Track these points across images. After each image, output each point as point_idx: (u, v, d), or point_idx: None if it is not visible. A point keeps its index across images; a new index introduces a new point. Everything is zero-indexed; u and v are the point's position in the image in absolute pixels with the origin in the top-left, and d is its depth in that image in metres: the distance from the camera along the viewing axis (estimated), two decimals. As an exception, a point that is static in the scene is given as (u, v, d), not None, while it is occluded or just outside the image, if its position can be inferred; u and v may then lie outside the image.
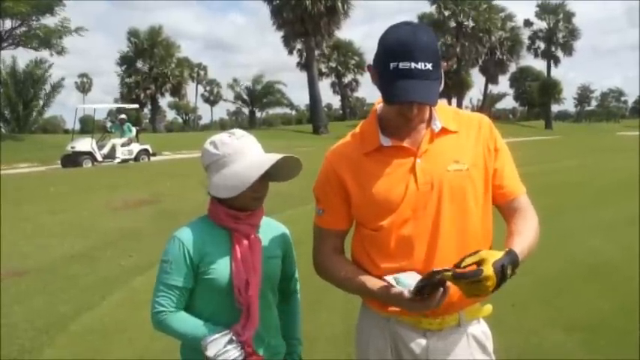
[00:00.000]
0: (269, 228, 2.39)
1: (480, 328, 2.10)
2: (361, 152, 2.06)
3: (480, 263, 1.70)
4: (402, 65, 1.83)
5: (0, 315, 5.78)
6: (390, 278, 1.90)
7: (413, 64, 1.82)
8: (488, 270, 1.67)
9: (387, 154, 2.02)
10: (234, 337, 2.17)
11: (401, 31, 1.88)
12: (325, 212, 2.15)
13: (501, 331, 4.67)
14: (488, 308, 2.12)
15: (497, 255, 1.72)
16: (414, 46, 1.83)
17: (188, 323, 2.21)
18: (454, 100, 64.34)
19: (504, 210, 2.09)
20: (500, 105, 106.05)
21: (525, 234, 1.98)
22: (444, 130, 2.02)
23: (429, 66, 1.83)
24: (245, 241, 2.23)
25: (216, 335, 2.15)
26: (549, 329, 5.01)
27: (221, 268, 2.21)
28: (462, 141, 2.03)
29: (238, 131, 2.32)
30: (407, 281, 1.85)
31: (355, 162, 2.06)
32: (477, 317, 2.09)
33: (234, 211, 2.23)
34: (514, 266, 1.75)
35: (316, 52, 48.56)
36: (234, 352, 2.14)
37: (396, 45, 1.86)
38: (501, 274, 1.69)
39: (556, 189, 13.28)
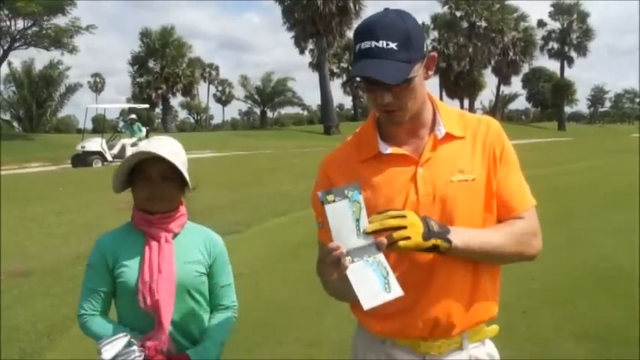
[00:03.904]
0: (194, 235, 2.38)
1: (484, 350, 1.94)
2: (358, 160, 1.92)
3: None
4: (363, 45, 1.73)
5: (1, 317, 5.74)
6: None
7: (373, 43, 1.71)
8: (412, 215, 1.68)
9: (385, 162, 1.87)
10: (133, 340, 2.13)
11: (371, 16, 1.80)
12: (325, 226, 1.96)
13: (512, 340, 4.63)
14: (494, 329, 1.96)
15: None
16: (376, 25, 1.74)
17: (106, 327, 2.24)
18: (466, 101, 64.20)
19: None
20: (513, 106, 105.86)
21: (488, 230, 1.85)
22: (448, 136, 1.87)
23: (393, 45, 1.71)
24: (155, 245, 2.24)
25: (112, 338, 2.11)
26: (560, 338, 4.89)
27: (131, 272, 2.24)
28: (467, 148, 1.88)
29: (163, 137, 2.40)
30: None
31: (351, 170, 1.91)
32: (481, 339, 1.94)
33: (146, 214, 2.27)
34: (441, 235, 1.70)
35: (328, 52, 48.44)
36: (133, 355, 2.09)
37: (361, 27, 1.78)
38: (427, 226, 1.68)
39: (568, 191, 13.16)
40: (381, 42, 1.71)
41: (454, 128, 1.89)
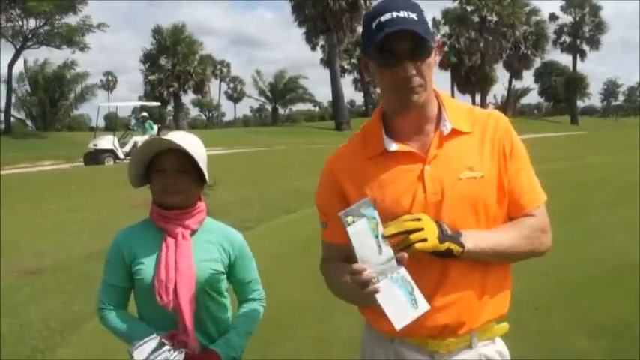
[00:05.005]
0: (212, 232, 2.36)
1: (494, 348, 1.91)
2: (364, 157, 1.88)
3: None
4: (383, 18, 1.71)
5: (14, 314, 5.79)
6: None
7: (394, 14, 1.70)
8: (427, 218, 1.68)
9: (392, 159, 1.83)
10: (165, 341, 2.13)
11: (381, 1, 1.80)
12: (329, 226, 1.95)
13: (525, 336, 4.61)
14: (504, 327, 1.93)
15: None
16: (393, 1, 1.74)
17: (124, 323, 2.27)
18: (478, 96, 63.86)
19: None
20: (525, 100, 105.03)
21: (498, 230, 1.83)
22: (454, 132, 1.83)
23: (414, 16, 1.70)
24: (172, 242, 2.23)
25: (143, 340, 2.12)
26: (573, 333, 4.86)
27: (148, 269, 2.23)
28: (475, 144, 1.84)
29: (181, 132, 2.40)
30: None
31: (357, 169, 1.88)
32: (490, 337, 1.90)
33: (163, 210, 2.26)
34: (454, 238, 1.70)
35: (339, 49, 48.38)
36: (166, 355, 2.10)
37: (376, 8, 1.77)
38: (441, 230, 1.68)
39: (581, 186, 13.05)
40: (402, 12, 1.70)
41: (460, 124, 1.86)
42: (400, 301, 1.64)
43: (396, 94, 1.78)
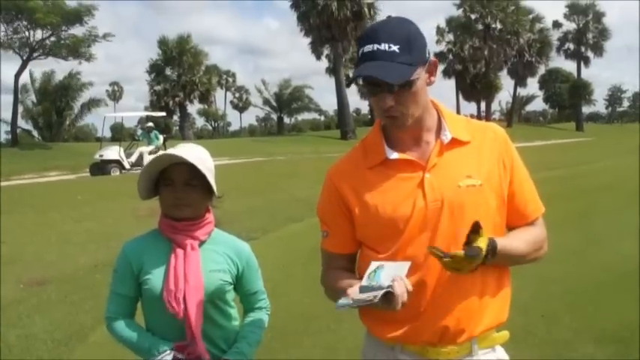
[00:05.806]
0: (221, 243, 2.37)
1: (495, 356, 1.92)
2: (365, 166, 1.91)
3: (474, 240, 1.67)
4: (366, 49, 1.76)
5: (19, 325, 5.78)
6: (374, 265, 1.74)
7: (376, 46, 1.74)
8: (484, 246, 1.67)
9: (392, 167, 1.86)
10: (179, 356, 2.13)
11: (374, 22, 1.85)
12: (330, 235, 1.99)
13: (531, 343, 4.57)
14: (504, 335, 1.93)
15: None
16: (379, 29, 1.77)
17: (132, 332, 2.27)
18: (483, 104, 63.81)
19: None
20: (530, 107, 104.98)
21: (520, 234, 1.88)
22: (454, 141, 1.86)
23: (395, 48, 1.73)
24: (181, 253, 2.24)
25: (157, 358, 2.13)
26: (580, 341, 4.82)
27: (156, 279, 2.23)
28: (474, 153, 1.87)
29: (189, 144, 2.41)
30: (383, 276, 1.68)
31: (358, 177, 1.90)
32: (491, 345, 1.91)
33: (172, 221, 2.27)
34: (488, 259, 1.71)
35: (344, 58, 48.41)
36: None
37: (364, 32, 1.82)
38: (485, 258, 1.69)
39: (587, 192, 12.99)
40: (383, 45, 1.72)
41: (460, 133, 1.88)
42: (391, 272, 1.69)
43: (383, 119, 1.85)
